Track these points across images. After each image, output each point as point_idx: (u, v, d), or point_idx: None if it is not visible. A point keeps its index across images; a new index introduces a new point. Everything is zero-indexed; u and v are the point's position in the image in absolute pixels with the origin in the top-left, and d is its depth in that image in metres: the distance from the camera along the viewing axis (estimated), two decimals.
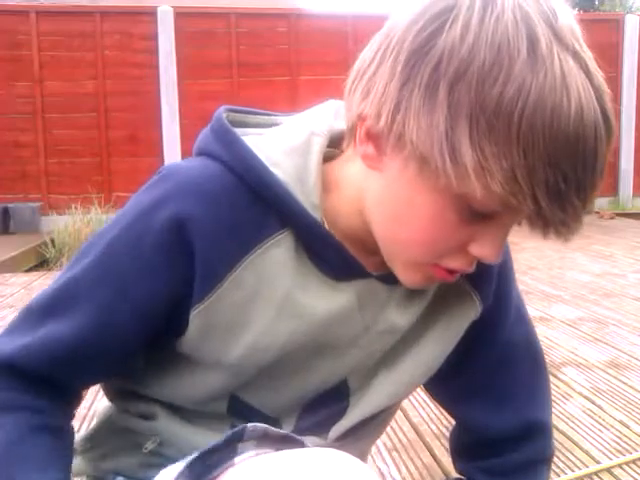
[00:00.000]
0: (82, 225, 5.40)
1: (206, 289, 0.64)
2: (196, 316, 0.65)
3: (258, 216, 0.65)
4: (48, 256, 5.22)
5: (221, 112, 0.69)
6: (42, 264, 5.20)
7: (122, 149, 6.60)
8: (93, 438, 0.82)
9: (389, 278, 0.69)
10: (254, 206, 0.64)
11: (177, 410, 0.75)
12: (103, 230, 0.68)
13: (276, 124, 0.73)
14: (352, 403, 0.76)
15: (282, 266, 0.65)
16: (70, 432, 0.72)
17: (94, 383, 0.76)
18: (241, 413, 0.74)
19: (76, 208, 5.74)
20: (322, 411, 0.75)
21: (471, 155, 0.52)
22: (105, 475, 0.81)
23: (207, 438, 0.66)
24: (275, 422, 0.75)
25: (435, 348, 0.77)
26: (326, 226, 0.67)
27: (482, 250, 0.60)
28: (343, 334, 0.71)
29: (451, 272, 0.64)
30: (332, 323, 0.69)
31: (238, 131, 0.68)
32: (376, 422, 0.81)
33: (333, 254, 0.67)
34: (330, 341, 0.71)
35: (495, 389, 0.83)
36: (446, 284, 0.74)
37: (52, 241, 5.30)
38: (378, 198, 0.63)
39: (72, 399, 0.73)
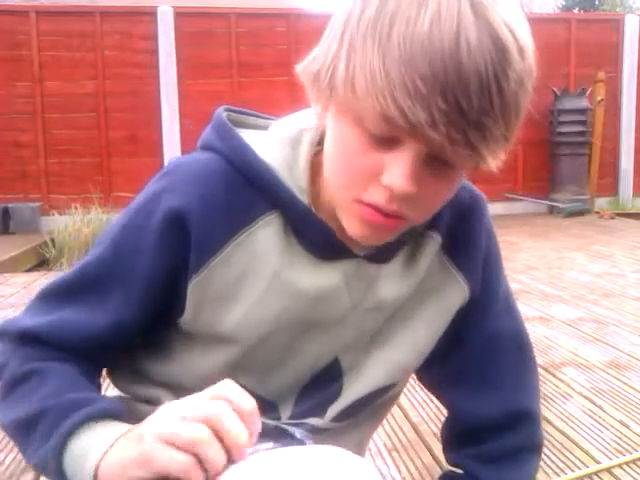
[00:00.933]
0: (82, 225, 5.39)
1: (200, 263, 0.71)
2: (193, 289, 0.72)
3: (249, 200, 0.72)
4: (48, 256, 5.21)
5: (221, 111, 0.77)
6: (42, 264, 5.20)
7: (122, 149, 6.60)
8: None
9: (377, 257, 0.74)
10: (247, 192, 0.71)
11: (181, 395, 0.76)
12: (120, 215, 0.77)
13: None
14: (346, 382, 0.80)
15: (271, 245, 0.72)
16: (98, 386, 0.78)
17: (110, 358, 0.80)
18: None
19: (76, 208, 5.74)
20: (318, 393, 0.79)
21: (344, 69, 0.60)
22: None
23: None
24: (273, 406, 0.79)
25: (426, 329, 0.81)
26: (313, 209, 0.72)
27: (390, 178, 0.62)
28: (331, 312, 0.75)
29: (384, 215, 0.65)
30: (319, 301, 0.74)
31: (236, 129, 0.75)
32: (374, 407, 0.84)
33: (318, 235, 0.72)
34: (318, 319, 0.75)
35: (482, 377, 0.85)
36: (435, 268, 0.78)
37: (52, 241, 5.30)
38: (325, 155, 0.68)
39: (94, 371, 0.78)
